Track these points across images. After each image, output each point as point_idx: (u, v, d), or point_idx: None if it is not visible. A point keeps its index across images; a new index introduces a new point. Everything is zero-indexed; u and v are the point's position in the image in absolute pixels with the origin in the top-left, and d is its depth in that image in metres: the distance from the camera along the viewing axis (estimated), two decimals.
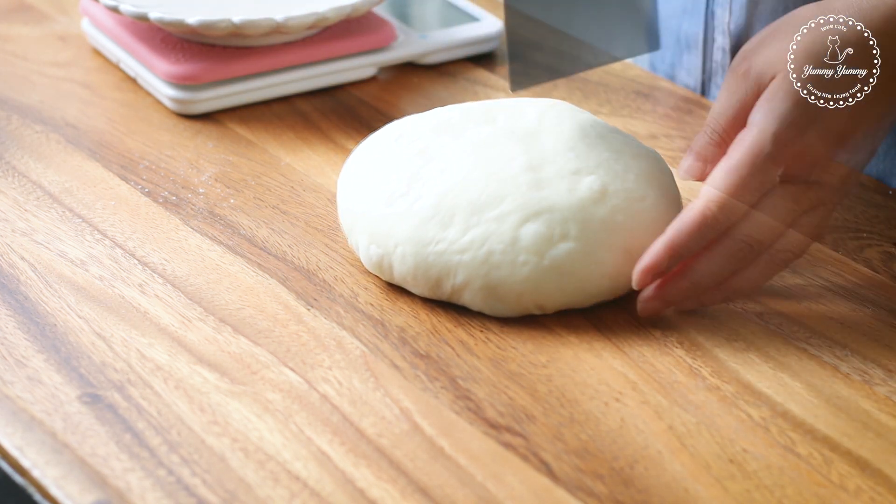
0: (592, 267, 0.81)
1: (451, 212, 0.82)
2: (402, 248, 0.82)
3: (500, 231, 0.81)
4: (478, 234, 0.81)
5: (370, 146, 0.89)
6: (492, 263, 0.81)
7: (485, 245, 0.81)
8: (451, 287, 0.81)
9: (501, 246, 0.81)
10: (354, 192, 0.86)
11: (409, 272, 0.82)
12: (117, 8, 1.02)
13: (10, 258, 0.86)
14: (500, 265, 0.81)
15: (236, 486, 0.70)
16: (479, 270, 0.81)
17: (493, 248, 0.81)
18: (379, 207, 0.84)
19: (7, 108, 1.02)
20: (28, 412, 0.74)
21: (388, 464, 0.71)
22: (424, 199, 0.82)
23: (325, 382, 0.77)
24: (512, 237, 0.81)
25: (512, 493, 0.70)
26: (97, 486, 0.69)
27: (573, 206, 0.81)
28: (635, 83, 1.09)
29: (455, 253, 0.81)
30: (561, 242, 0.81)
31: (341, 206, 0.87)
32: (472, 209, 0.81)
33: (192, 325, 0.81)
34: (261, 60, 1.04)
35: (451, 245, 0.81)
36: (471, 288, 0.81)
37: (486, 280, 0.81)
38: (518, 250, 0.80)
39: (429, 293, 0.82)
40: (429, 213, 0.82)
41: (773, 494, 0.71)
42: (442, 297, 0.82)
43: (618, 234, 0.81)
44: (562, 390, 0.77)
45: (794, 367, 0.79)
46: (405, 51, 1.09)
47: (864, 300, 0.85)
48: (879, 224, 0.92)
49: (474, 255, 0.81)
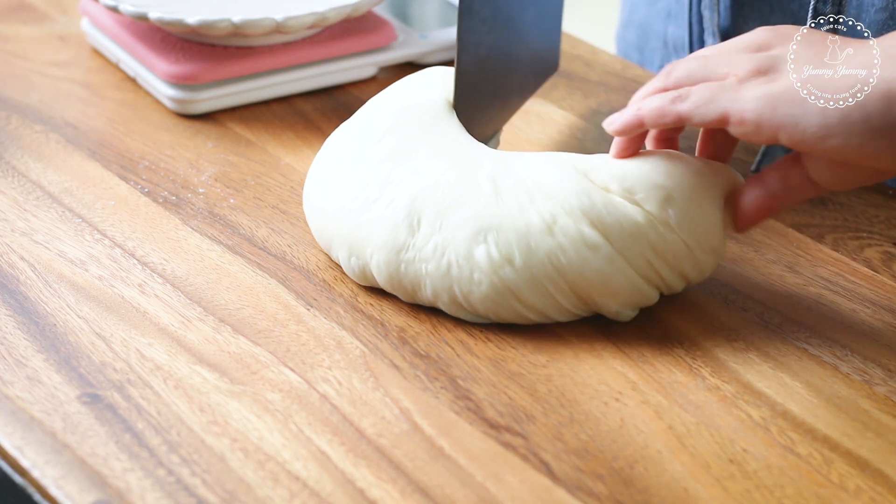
0: (540, 297, 0.80)
1: (419, 215, 0.81)
2: (377, 255, 0.81)
3: (456, 241, 0.79)
4: (440, 241, 0.80)
5: (328, 157, 0.87)
6: (452, 277, 0.79)
7: (445, 255, 0.80)
8: (425, 297, 0.81)
9: (458, 259, 0.79)
10: (326, 206, 0.84)
11: (386, 282, 0.82)
12: (117, 8, 1.02)
13: (10, 258, 0.86)
14: (460, 280, 0.79)
15: (236, 486, 0.70)
16: (443, 283, 0.80)
17: (451, 260, 0.79)
18: (353, 216, 0.82)
19: (7, 108, 1.02)
20: (28, 412, 0.74)
21: (388, 464, 0.71)
22: (396, 203, 0.81)
23: (325, 382, 0.77)
24: (467, 251, 0.79)
25: (512, 493, 0.70)
26: (97, 486, 0.69)
27: (520, 230, 0.79)
28: (635, 83, 1.09)
29: (422, 262, 0.80)
30: (507, 266, 0.79)
31: (314, 225, 0.86)
32: (437, 211, 0.80)
33: (191, 325, 0.81)
34: (261, 60, 1.04)
35: (418, 252, 0.80)
36: (441, 300, 0.81)
37: (451, 294, 0.80)
38: (473, 266, 0.79)
39: (410, 301, 0.82)
40: (400, 217, 0.81)
41: (773, 494, 0.71)
42: (424, 303, 0.82)
43: (560, 275, 0.79)
44: (562, 390, 0.77)
45: (794, 367, 0.79)
46: (405, 51, 1.09)
47: (864, 300, 0.85)
48: (879, 224, 0.92)
49: (437, 265, 0.80)
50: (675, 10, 1.12)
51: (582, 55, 1.13)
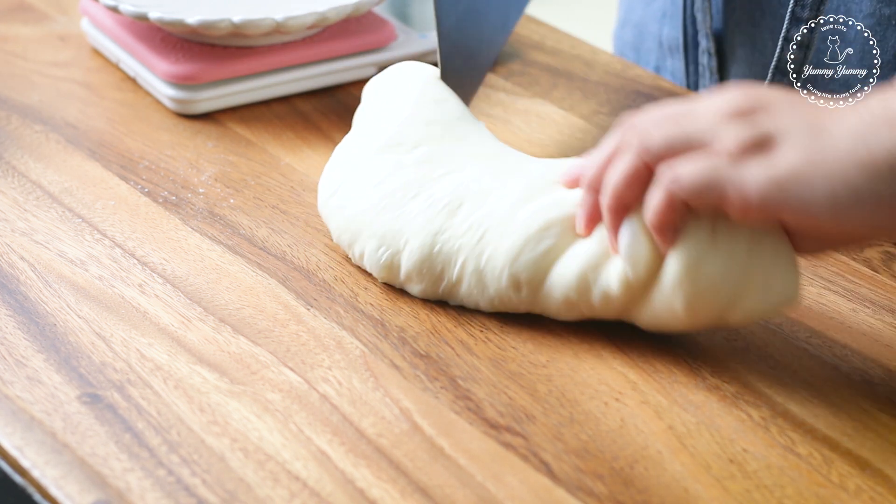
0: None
1: (461, 200, 0.82)
2: (413, 241, 0.82)
3: (498, 210, 0.81)
4: (479, 216, 0.81)
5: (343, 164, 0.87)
6: (485, 242, 0.81)
7: (483, 224, 0.81)
8: (450, 278, 0.81)
9: (496, 222, 0.81)
10: (353, 204, 0.85)
11: (415, 267, 0.82)
12: (117, 8, 1.02)
13: (10, 258, 0.86)
14: (491, 241, 0.81)
15: (236, 486, 0.70)
16: (474, 251, 0.81)
17: (488, 227, 0.81)
18: (389, 211, 0.83)
19: (7, 108, 1.02)
20: (28, 412, 0.74)
21: (388, 464, 0.71)
22: (437, 194, 0.83)
23: (325, 382, 0.77)
24: (508, 214, 0.81)
25: (512, 493, 0.70)
26: (97, 486, 0.69)
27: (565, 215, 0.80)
28: (635, 83, 1.09)
29: (458, 238, 0.81)
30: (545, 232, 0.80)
31: (336, 221, 0.86)
32: (479, 193, 0.82)
33: (191, 325, 0.81)
34: (261, 60, 1.04)
35: (455, 231, 0.81)
36: (466, 272, 0.81)
37: (477, 262, 0.81)
38: (508, 223, 0.80)
39: (430, 289, 0.82)
40: (440, 204, 0.82)
41: (773, 494, 0.71)
42: (440, 291, 0.82)
43: None
44: (562, 390, 0.77)
45: (794, 367, 0.79)
46: (405, 51, 1.09)
47: (864, 300, 0.85)
48: None
49: (472, 235, 0.81)
50: (669, 12, 1.12)
51: (582, 55, 1.13)
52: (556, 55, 1.12)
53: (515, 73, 1.10)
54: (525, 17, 1.18)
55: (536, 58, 1.12)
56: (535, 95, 1.06)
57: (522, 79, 1.09)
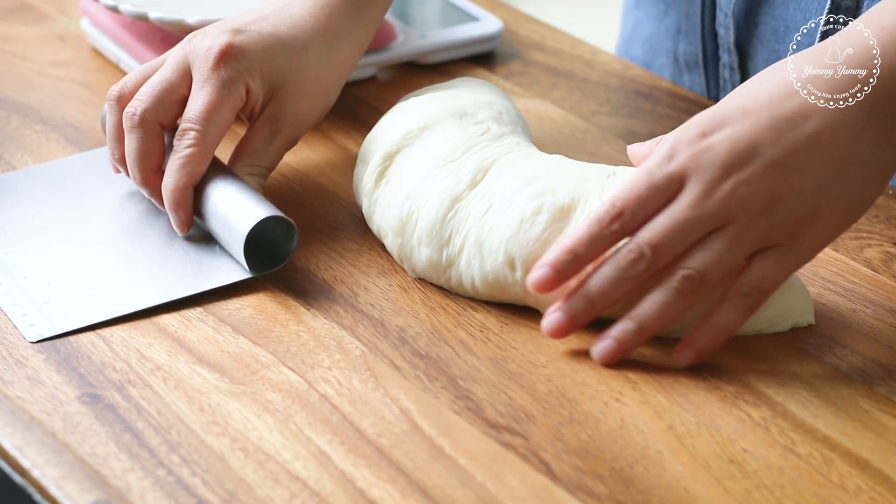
0: None
1: (484, 173, 0.84)
2: (432, 200, 0.83)
3: (508, 186, 0.82)
4: (491, 190, 0.83)
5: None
6: (489, 215, 0.82)
7: (492, 197, 0.82)
8: (454, 245, 0.82)
9: (501, 198, 0.82)
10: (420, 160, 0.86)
11: (425, 228, 0.83)
12: (117, 8, 1.02)
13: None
14: (493, 215, 0.82)
15: (236, 485, 0.70)
16: (479, 222, 0.82)
17: (494, 201, 0.82)
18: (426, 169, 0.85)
19: (7, 108, 1.02)
20: (28, 412, 0.74)
21: (388, 464, 0.71)
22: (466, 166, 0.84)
23: (325, 382, 0.77)
24: (513, 192, 0.82)
25: (512, 493, 0.70)
26: (97, 486, 0.69)
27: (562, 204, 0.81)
28: (635, 83, 1.09)
29: (470, 208, 0.83)
30: (539, 215, 0.81)
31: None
32: (501, 168, 0.83)
33: (191, 325, 0.81)
34: None
35: (470, 200, 0.83)
36: (468, 242, 0.82)
37: (479, 234, 0.82)
38: (510, 200, 0.82)
39: (435, 256, 0.83)
40: (465, 172, 0.84)
41: (773, 494, 0.71)
42: (443, 261, 0.83)
43: None
44: (562, 390, 0.77)
45: (794, 367, 0.79)
46: (405, 51, 1.09)
47: (864, 300, 0.85)
48: (879, 224, 0.92)
49: (480, 207, 0.82)
50: (685, 28, 1.11)
51: (582, 55, 1.13)
52: (556, 55, 1.12)
53: (515, 73, 1.10)
54: (525, 17, 1.18)
55: (536, 58, 1.12)
56: (535, 95, 1.06)
57: (522, 79, 1.09)
